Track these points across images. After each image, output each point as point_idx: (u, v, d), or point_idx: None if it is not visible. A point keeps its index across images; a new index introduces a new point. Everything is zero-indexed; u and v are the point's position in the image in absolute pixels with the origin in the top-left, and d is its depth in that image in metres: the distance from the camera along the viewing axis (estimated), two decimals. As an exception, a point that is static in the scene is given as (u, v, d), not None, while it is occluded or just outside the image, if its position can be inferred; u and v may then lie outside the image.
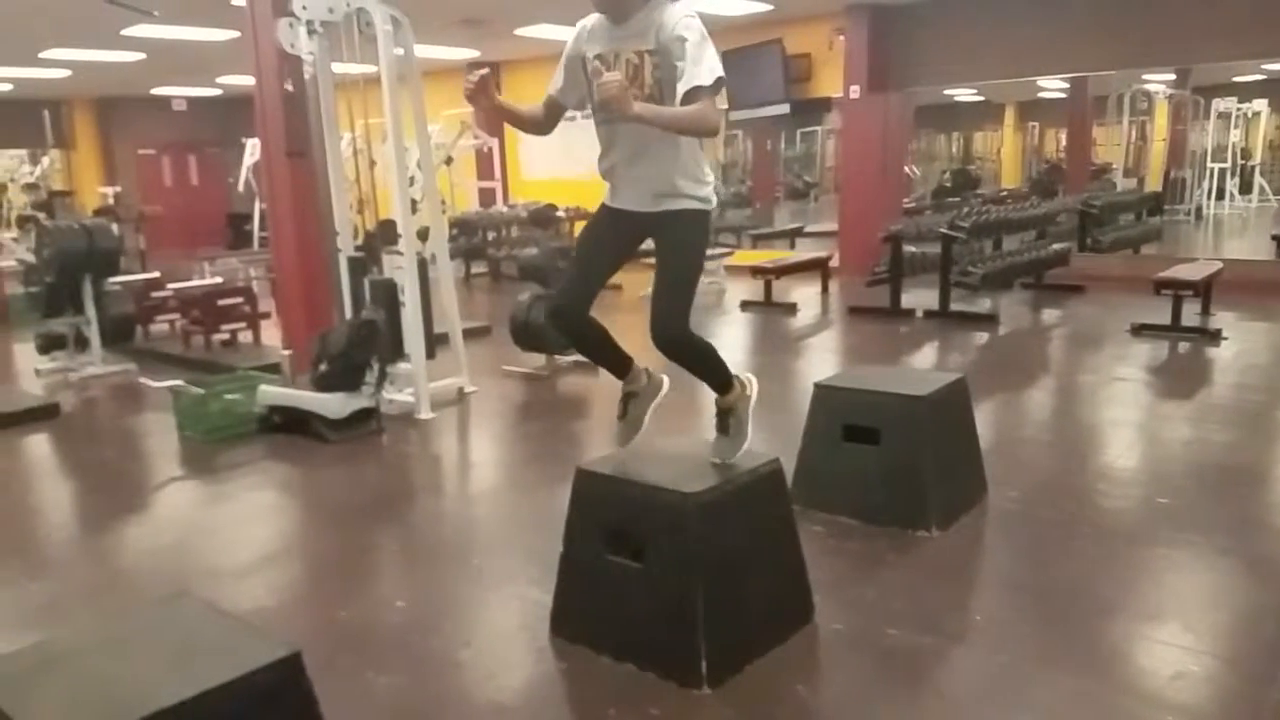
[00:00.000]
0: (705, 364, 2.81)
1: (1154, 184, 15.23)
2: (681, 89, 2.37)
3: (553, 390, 6.38)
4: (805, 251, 12.09)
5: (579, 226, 12.58)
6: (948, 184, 17.49)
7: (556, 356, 6.64)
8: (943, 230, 8.25)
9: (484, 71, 2.55)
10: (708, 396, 2.95)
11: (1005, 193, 15.94)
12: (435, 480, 4.98)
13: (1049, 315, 8.67)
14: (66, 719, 1.57)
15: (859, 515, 3.67)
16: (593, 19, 2.61)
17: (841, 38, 11.03)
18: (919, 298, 8.48)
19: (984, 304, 8.65)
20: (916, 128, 15.08)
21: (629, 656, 2.67)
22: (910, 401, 3.59)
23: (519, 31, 11.85)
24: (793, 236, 13.88)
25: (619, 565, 2.68)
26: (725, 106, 2.89)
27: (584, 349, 2.93)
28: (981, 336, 7.69)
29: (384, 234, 5.85)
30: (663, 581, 2.60)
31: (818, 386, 3.86)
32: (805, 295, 9.67)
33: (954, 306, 8.23)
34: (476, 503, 4.51)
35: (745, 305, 9.31)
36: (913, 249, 8.76)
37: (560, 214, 12.25)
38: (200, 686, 1.63)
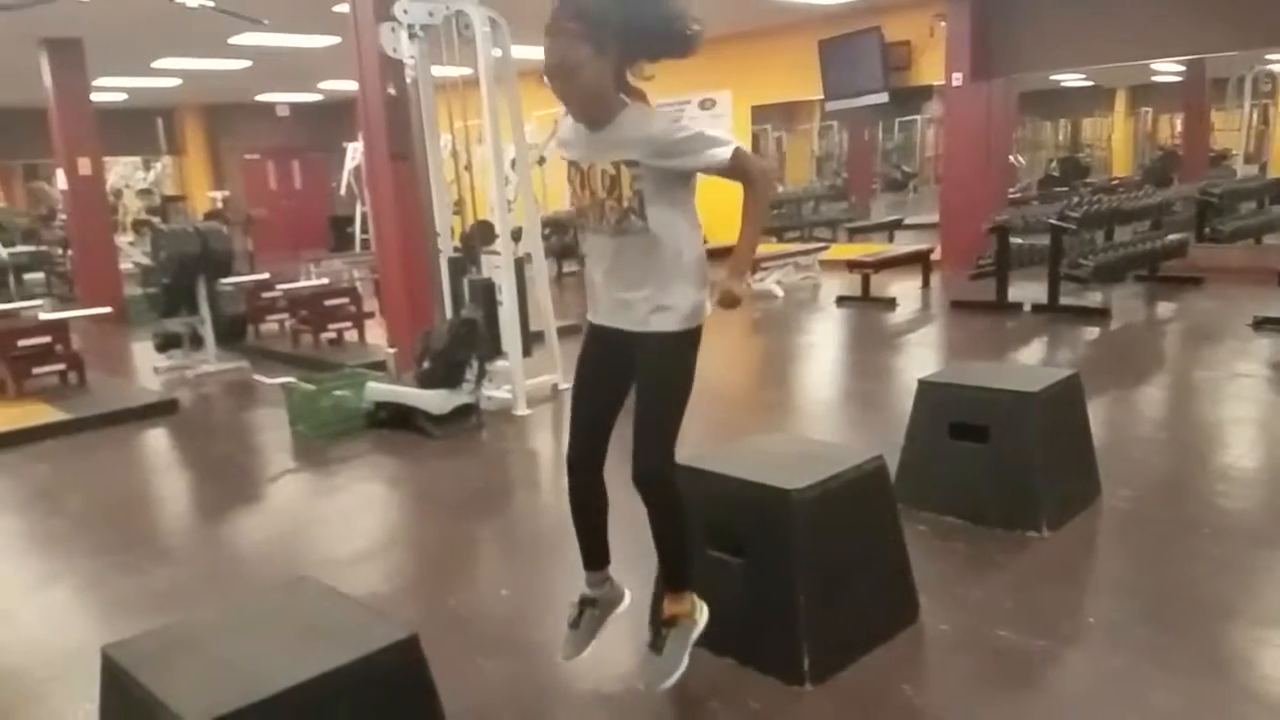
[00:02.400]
0: (677, 533, 2.43)
1: (1276, 171, 14.44)
2: (719, 168, 2.23)
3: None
4: (905, 245, 11.85)
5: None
6: (1055, 173, 16.91)
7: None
8: (1052, 221, 7.98)
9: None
10: (783, 395, 2.88)
11: (1116, 181, 15.32)
12: (533, 475, 5.06)
13: (1164, 309, 8.32)
14: (201, 695, 1.65)
15: (965, 515, 3.58)
16: (568, 121, 2.37)
17: (943, 24, 10.78)
18: (1026, 291, 8.22)
19: (1095, 298, 8.36)
20: (1021, 115, 14.61)
21: (730, 650, 2.66)
22: (1021, 398, 3.49)
23: (613, 30, 11.90)
24: (891, 229, 13.62)
25: (719, 560, 2.68)
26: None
27: (578, 518, 2.56)
28: (1093, 331, 7.42)
29: (480, 235, 5.96)
30: (764, 577, 2.59)
31: (922, 383, 3.78)
32: (905, 290, 9.49)
33: (1063, 300, 7.96)
34: (575, 497, 4.56)
35: (841, 301, 9.18)
36: (1019, 241, 8.50)
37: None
38: (326, 666, 1.70)
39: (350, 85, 6.90)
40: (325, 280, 9.46)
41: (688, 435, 5.72)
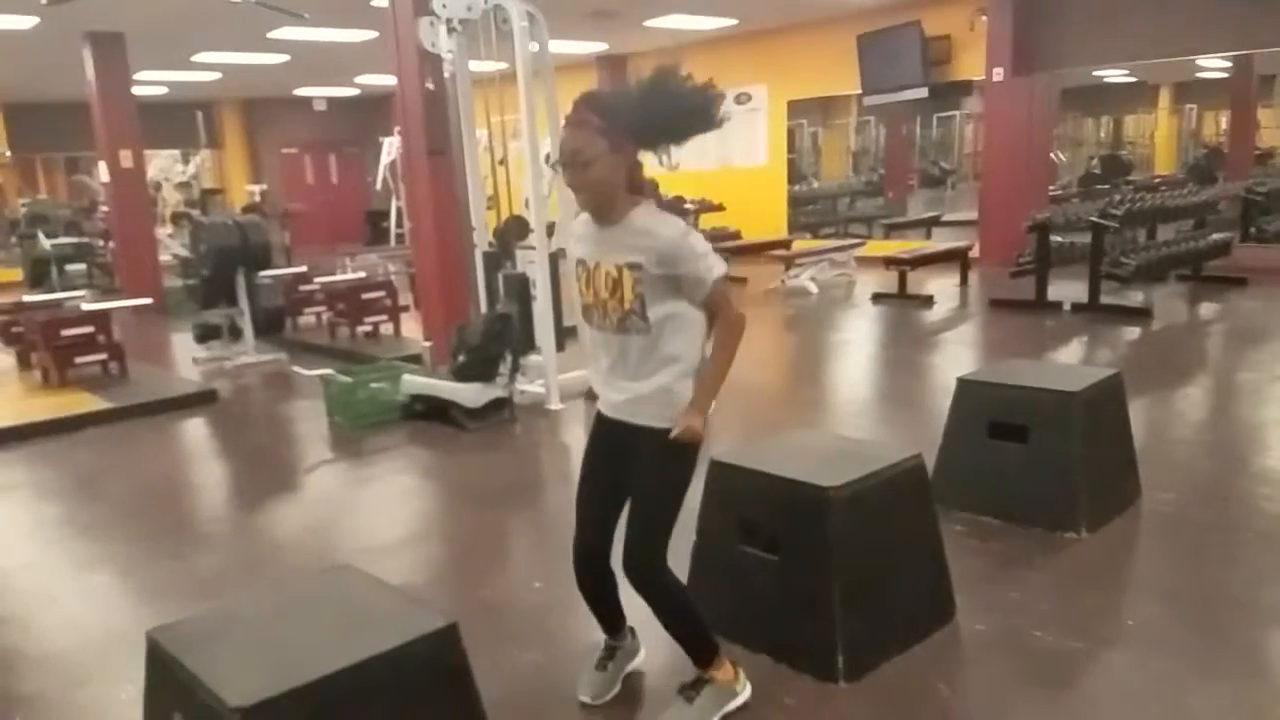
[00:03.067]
0: (680, 618, 2.42)
1: (1326, 169, 14.14)
2: (704, 285, 2.24)
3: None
4: (943, 241, 11.75)
5: (706, 220, 12.57)
6: (1096, 170, 16.66)
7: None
8: (1093, 219, 7.87)
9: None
10: (817, 392, 2.87)
11: (1159, 179, 15.08)
12: (565, 469, 5.07)
13: (1208, 309, 8.18)
14: (245, 678, 1.67)
15: (1002, 515, 3.55)
16: (582, 217, 2.38)
17: (984, 18, 10.66)
18: (1066, 290, 8.11)
19: (1137, 297, 8.23)
20: (1062, 111, 14.41)
21: (764, 647, 2.66)
22: (1062, 398, 3.44)
23: (649, 23, 11.92)
24: (929, 226, 13.50)
25: (753, 556, 2.67)
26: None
27: (588, 600, 2.55)
28: (1134, 331, 7.31)
29: (514, 230, 5.98)
30: (799, 574, 2.58)
31: (961, 381, 3.74)
32: (943, 287, 9.41)
33: (1104, 299, 7.85)
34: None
35: (878, 298, 9.11)
36: (1060, 238, 8.39)
37: (689, 206, 12.24)
38: (367, 652, 1.72)
39: (387, 80, 6.95)
40: (361, 274, 9.54)
41: (724, 430, 5.75)
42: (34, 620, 3.29)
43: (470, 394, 5.38)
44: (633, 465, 2.34)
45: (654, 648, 2.66)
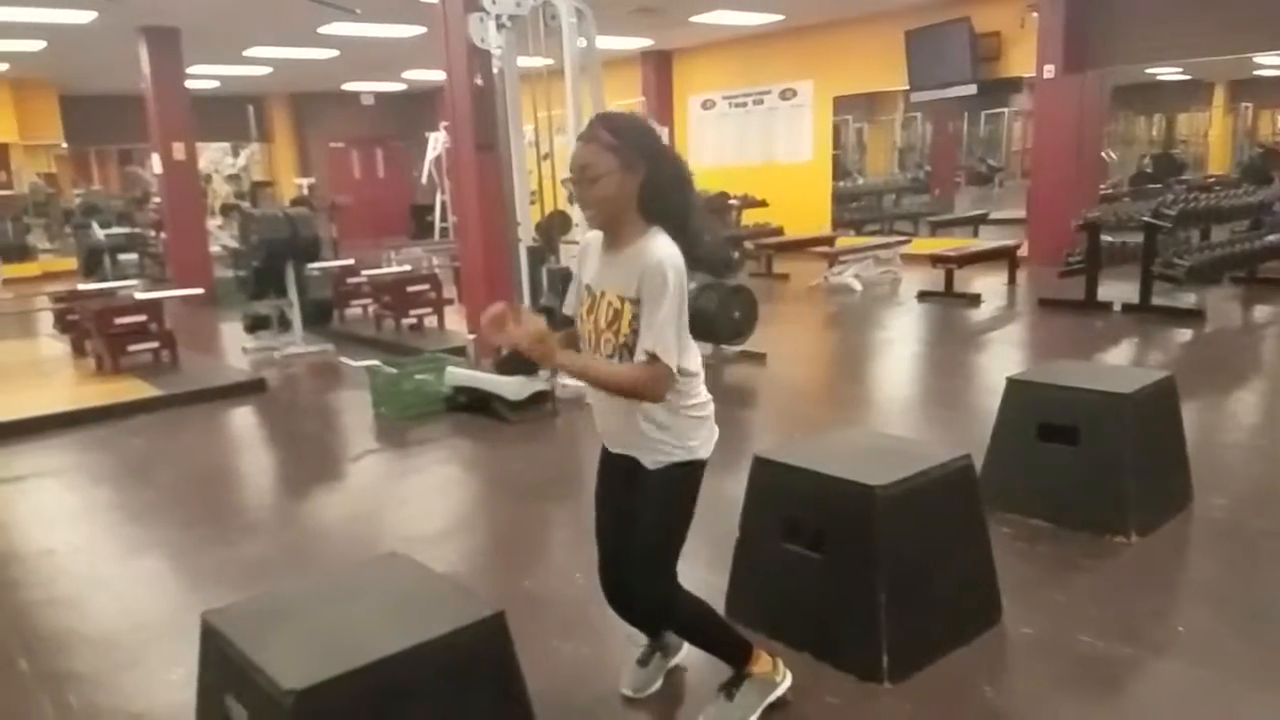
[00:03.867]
0: (703, 634, 2.44)
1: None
2: (641, 348, 2.11)
3: (718, 379, 6.37)
4: (990, 239, 11.61)
5: (748, 216, 12.53)
6: (1148, 169, 16.36)
7: (724, 346, 6.63)
8: (1146, 218, 7.72)
9: (499, 307, 2.20)
10: (861, 390, 2.85)
11: (1213, 179, 14.76)
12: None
13: (1262, 312, 8.00)
14: (297, 661, 1.70)
15: (1051, 517, 3.50)
16: (593, 234, 2.31)
17: (1035, 14, 10.51)
18: (1117, 290, 7.97)
19: (1189, 299, 8.07)
20: (1113, 108, 14.18)
21: (806, 645, 2.64)
22: (1113, 400, 3.39)
23: (695, 19, 11.90)
24: (976, 224, 13.34)
25: (797, 554, 2.66)
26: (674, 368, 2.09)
27: (627, 618, 2.54)
28: (1186, 334, 7.17)
29: (557, 224, 6.00)
30: (844, 573, 2.57)
31: (1011, 381, 3.70)
32: (990, 286, 9.30)
33: (1156, 301, 7.71)
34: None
35: (923, 296, 9.02)
36: (1110, 238, 8.25)
37: (733, 202, 12.21)
38: (417, 639, 1.75)
39: (434, 75, 7.02)
40: (407, 267, 9.63)
41: (767, 426, 5.73)
42: (87, 602, 3.37)
43: (513, 387, 5.41)
44: (639, 492, 2.32)
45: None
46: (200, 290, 8.87)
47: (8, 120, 14.83)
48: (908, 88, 12.13)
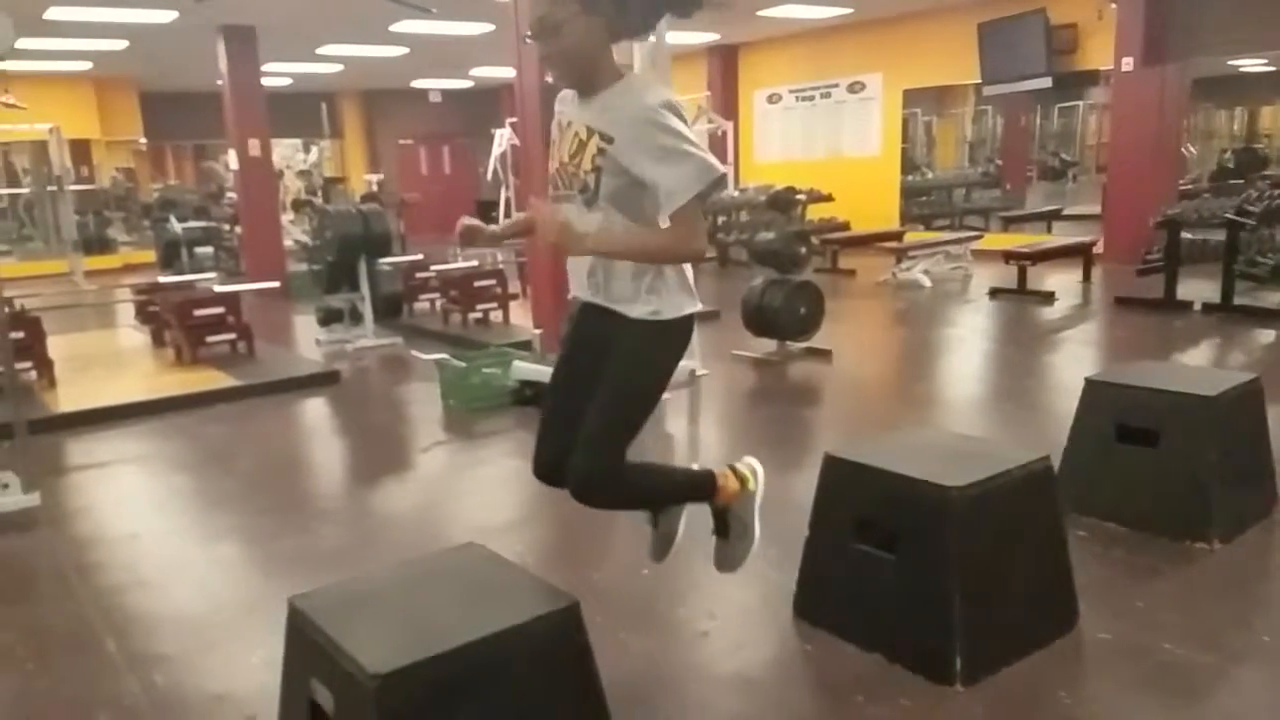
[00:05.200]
0: (659, 493, 2.28)
1: None
2: (666, 206, 1.91)
3: (784, 376, 6.35)
4: (1064, 236, 11.35)
5: (813, 210, 12.41)
6: (1229, 164, 15.83)
7: (789, 342, 6.59)
8: (1228, 215, 7.48)
9: (469, 223, 2.28)
10: (931, 389, 2.79)
11: (1298, 174, 14.23)
12: (667, 457, 5.06)
13: (1352, 312, 7.69)
14: (382, 646, 1.75)
15: (1129, 522, 3.41)
16: (562, 96, 2.19)
17: (1113, 5, 10.24)
18: (1197, 289, 7.75)
19: (1273, 298, 7.78)
20: (1193, 101, 13.74)
21: (877, 646, 2.62)
22: (1197, 402, 3.29)
23: (762, 13, 11.83)
24: (1049, 219, 13.06)
25: (869, 554, 2.64)
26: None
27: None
28: (1269, 334, 6.92)
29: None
30: (918, 574, 2.54)
31: (1089, 382, 3.61)
32: (1064, 283, 9.09)
33: (1238, 300, 7.47)
34: (712, 481, 4.57)
35: (995, 293, 8.86)
36: (1190, 235, 8.00)
37: (800, 197, 12.11)
38: (496, 627, 1.79)
39: (501, 72, 7.09)
40: (473, 262, 9.74)
41: (836, 425, 5.67)
42: (169, 585, 3.47)
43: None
44: (611, 354, 2.08)
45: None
46: (277, 284, 9.08)
47: (91, 117, 15.35)
48: (979, 81, 11.92)
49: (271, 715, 2.23)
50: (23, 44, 3.58)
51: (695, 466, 2.50)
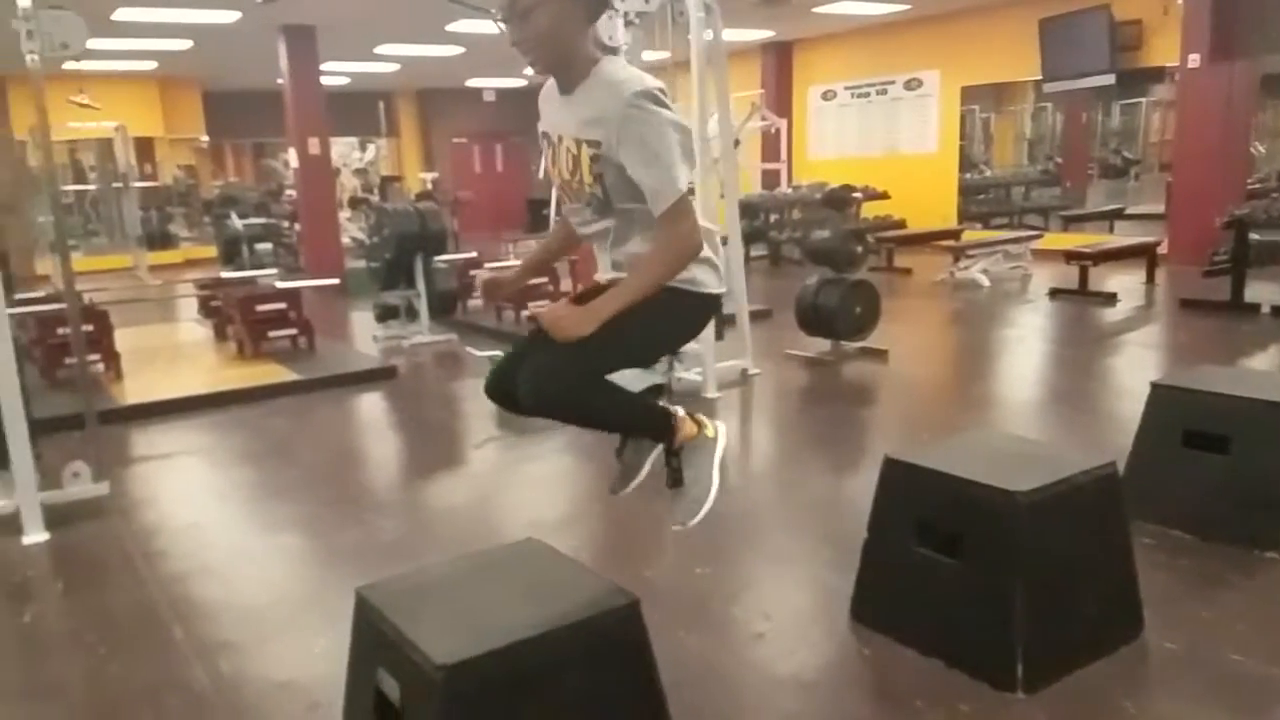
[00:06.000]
0: (607, 413, 2.07)
1: None
2: (655, 207, 1.86)
3: (837, 376, 6.30)
4: (1126, 235, 11.11)
5: (869, 208, 12.30)
6: (1300, 163, 15.36)
7: (844, 342, 6.53)
8: (1299, 215, 7.27)
9: (489, 277, 2.25)
10: (989, 390, 2.74)
11: (1374, 173, 13.76)
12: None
13: None
14: (447, 638, 1.78)
15: (1195, 529, 3.33)
16: (545, 88, 2.08)
17: (1179, 1, 9.99)
18: (1266, 291, 7.56)
19: (1345, 301, 7.56)
20: (1262, 99, 13.35)
21: (937, 651, 2.59)
22: (1270, 408, 3.20)
23: (818, 9, 11.75)
24: (1111, 219, 12.79)
25: (929, 559, 2.61)
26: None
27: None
28: (1342, 338, 6.73)
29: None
30: (980, 579, 2.50)
31: (1156, 387, 3.53)
32: (1127, 284, 8.90)
33: (1309, 303, 7.25)
34: (762, 482, 4.56)
35: (1055, 294, 8.70)
36: (1258, 236, 7.79)
37: (856, 195, 12.01)
38: (558, 622, 1.81)
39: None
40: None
41: (894, 426, 5.60)
42: (233, 574, 3.55)
43: (629, 379, 5.43)
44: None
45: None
46: (337, 280, 9.23)
47: (155, 115, 15.72)
48: (1040, 78, 11.72)
49: (334, 703, 2.28)
50: (91, 44, 3.68)
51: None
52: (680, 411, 2.19)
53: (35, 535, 3.85)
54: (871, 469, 2.86)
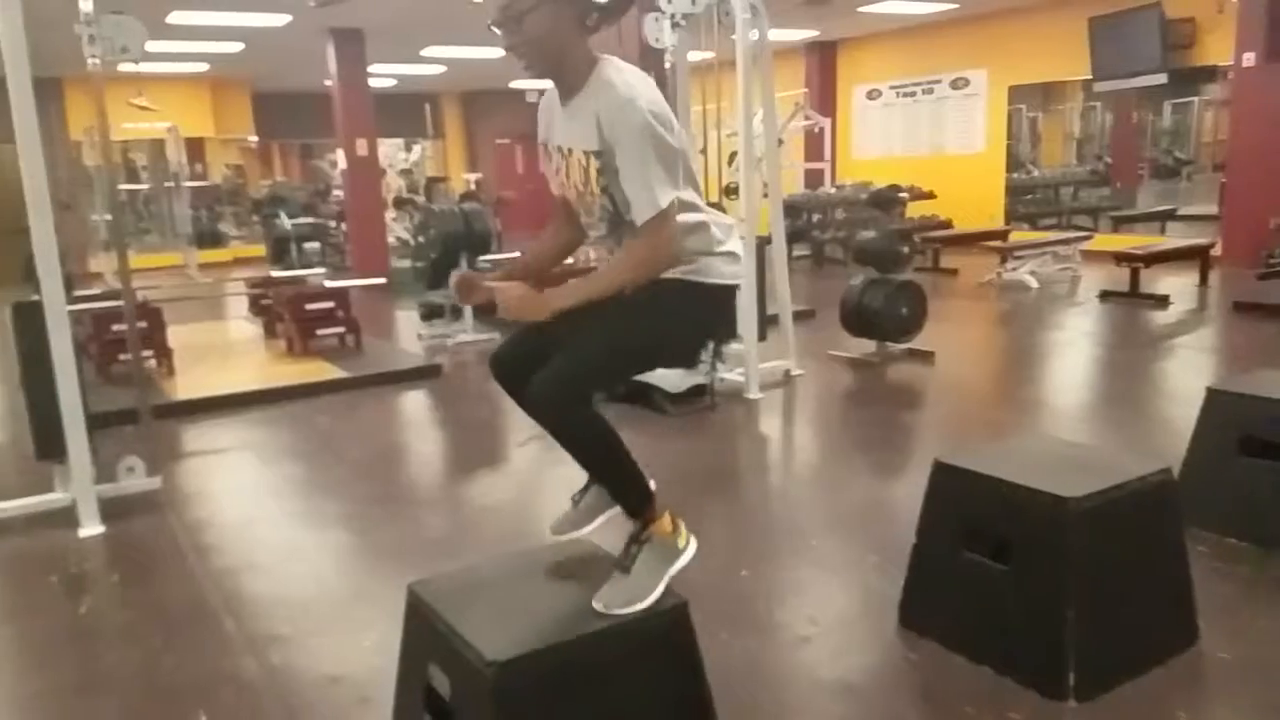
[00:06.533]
0: (598, 457, 2.06)
1: None
2: (637, 218, 1.83)
3: (882, 378, 6.24)
4: (1178, 237, 10.90)
5: (914, 208, 12.19)
6: (1359, 163, 14.95)
7: (889, 343, 6.48)
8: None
9: (465, 275, 2.11)
10: (1038, 394, 2.70)
11: None
12: (763, 458, 5.07)
13: None
14: (497, 634, 1.79)
15: (1252, 537, 3.26)
16: (546, 97, 2.05)
17: (1234, -1, 9.80)
18: (1321, 295, 7.37)
19: None
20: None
21: (986, 658, 2.56)
22: (1330, 413, 3.13)
23: (863, 9, 11.66)
24: (1163, 220, 12.54)
25: (979, 565, 2.58)
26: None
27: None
28: (1402, 343, 6.54)
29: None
30: (1031, 586, 2.47)
31: (1211, 392, 3.46)
32: (1180, 287, 8.72)
33: (1369, 307, 7.07)
34: (806, 484, 4.54)
35: (1105, 296, 8.55)
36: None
37: (903, 195, 11.91)
38: (606, 622, 1.81)
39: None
40: (570, 260, 9.82)
41: (941, 429, 5.54)
42: (282, 568, 3.61)
43: (673, 379, 5.46)
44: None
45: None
46: (384, 280, 9.34)
47: (205, 116, 16.02)
48: (1090, 77, 11.54)
49: (385, 697, 2.31)
50: (147, 46, 3.77)
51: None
52: (663, 510, 2.15)
53: (91, 528, 3.94)
54: (917, 472, 2.84)
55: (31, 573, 3.63)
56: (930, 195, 12.10)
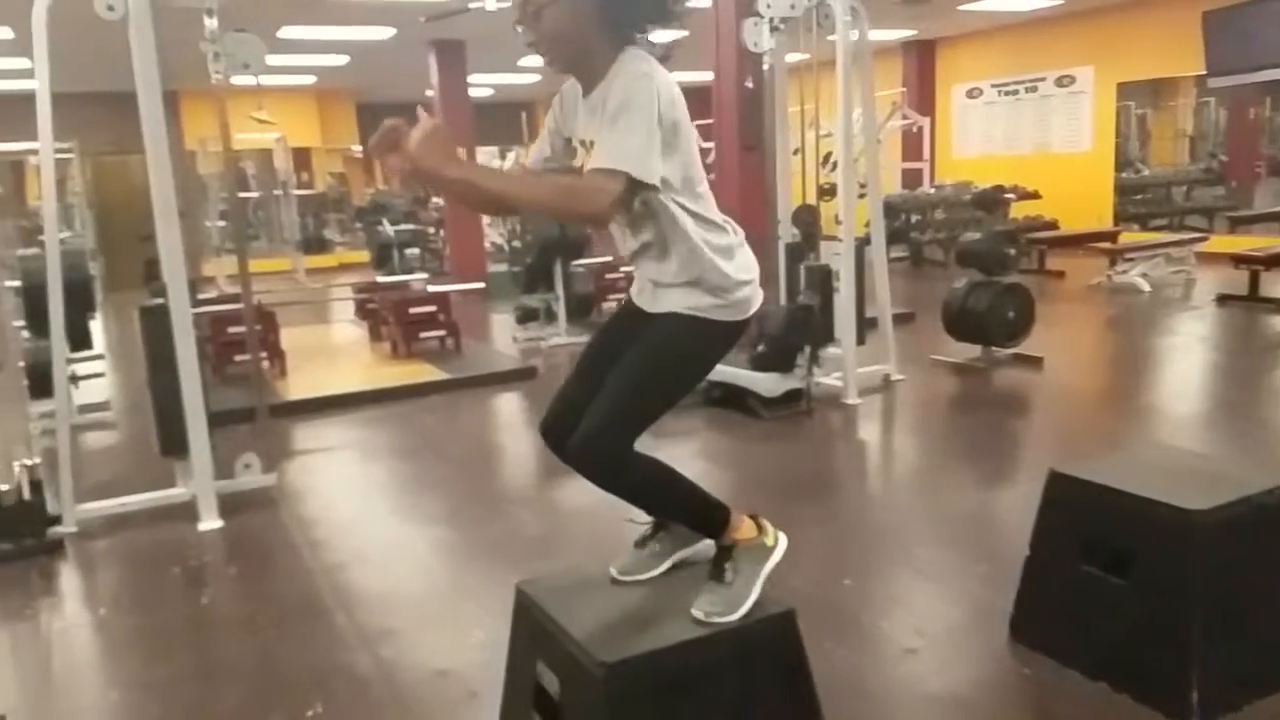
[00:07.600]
0: (664, 498, 2.01)
1: None
2: (593, 162, 1.75)
3: (987, 383, 6.09)
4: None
5: (1019, 208, 11.87)
6: None
7: (994, 348, 6.31)
8: None
9: (391, 123, 1.70)
10: (1152, 401, 2.59)
11: None
12: (862, 464, 5.00)
13: None
14: (607, 635, 1.82)
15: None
16: (568, 83, 2.00)
17: (1369, -15, 9.25)
18: None
19: None
20: None
21: (1102, 674, 2.48)
22: None
23: (963, 7, 11.41)
24: (1286, 220, 11.93)
25: (1097, 578, 2.49)
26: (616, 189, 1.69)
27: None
28: None
29: (800, 219, 5.93)
30: (1153, 602, 2.38)
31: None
32: (1302, 291, 8.30)
33: None
34: (907, 491, 4.45)
35: (1223, 300, 8.17)
36: None
37: (1009, 196, 11.60)
38: (715, 627, 1.80)
39: (689, 76, 7.13)
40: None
41: (1046, 439, 5.39)
42: (390, 564, 3.71)
43: (768, 383, 5.43)
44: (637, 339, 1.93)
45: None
46: (483, 285, 9.53)
47: (313, 126, 16.57)
48: (1205, 72, 11.05)
49: (492, 693, 2.35)
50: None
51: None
52: (739, 513, 2.12)
53: (210, 522, 4.12)
54: (1026, 482, 2.77)
55: (156, 565, 3.81)
56: (1035, 195, 11.76)
